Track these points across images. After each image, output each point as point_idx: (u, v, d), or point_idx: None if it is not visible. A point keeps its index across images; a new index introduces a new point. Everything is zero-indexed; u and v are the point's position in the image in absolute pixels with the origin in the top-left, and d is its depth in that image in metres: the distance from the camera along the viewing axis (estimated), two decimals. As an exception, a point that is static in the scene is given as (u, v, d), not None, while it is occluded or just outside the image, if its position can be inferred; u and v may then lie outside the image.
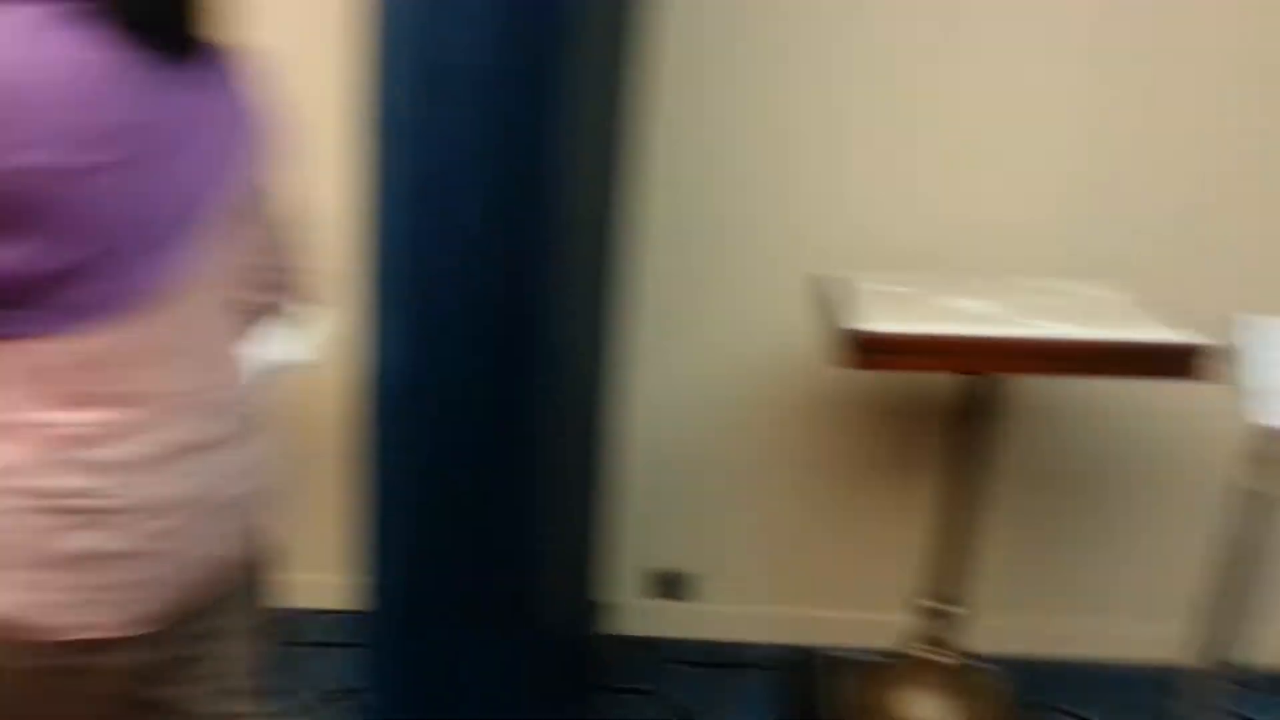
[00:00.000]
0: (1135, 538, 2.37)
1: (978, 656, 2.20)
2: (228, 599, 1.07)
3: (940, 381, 2.15)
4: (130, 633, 0.93)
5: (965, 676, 2.07)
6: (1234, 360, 1.80)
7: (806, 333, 2.19)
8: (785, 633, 2.44)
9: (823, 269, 2.06)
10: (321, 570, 2.17)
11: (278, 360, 1.36)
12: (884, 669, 2.12)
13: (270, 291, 1.15)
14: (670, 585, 2.44)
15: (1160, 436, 2.29)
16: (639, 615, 2.44)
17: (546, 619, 1.74)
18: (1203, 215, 2.14)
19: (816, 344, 2.15)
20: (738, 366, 2.28)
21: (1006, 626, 2.40)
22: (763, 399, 2.29)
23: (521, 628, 1.65)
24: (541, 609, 1.69)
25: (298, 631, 2.32)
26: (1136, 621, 2.41)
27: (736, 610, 2.45)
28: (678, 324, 2.25)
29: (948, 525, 1.99)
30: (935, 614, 2.03)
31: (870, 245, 2.16)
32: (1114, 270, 2.09)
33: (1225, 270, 2.16)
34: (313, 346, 1.64)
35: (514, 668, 1.66)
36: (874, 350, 1.64)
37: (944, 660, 2.04)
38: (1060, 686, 2.34)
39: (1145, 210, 2.14)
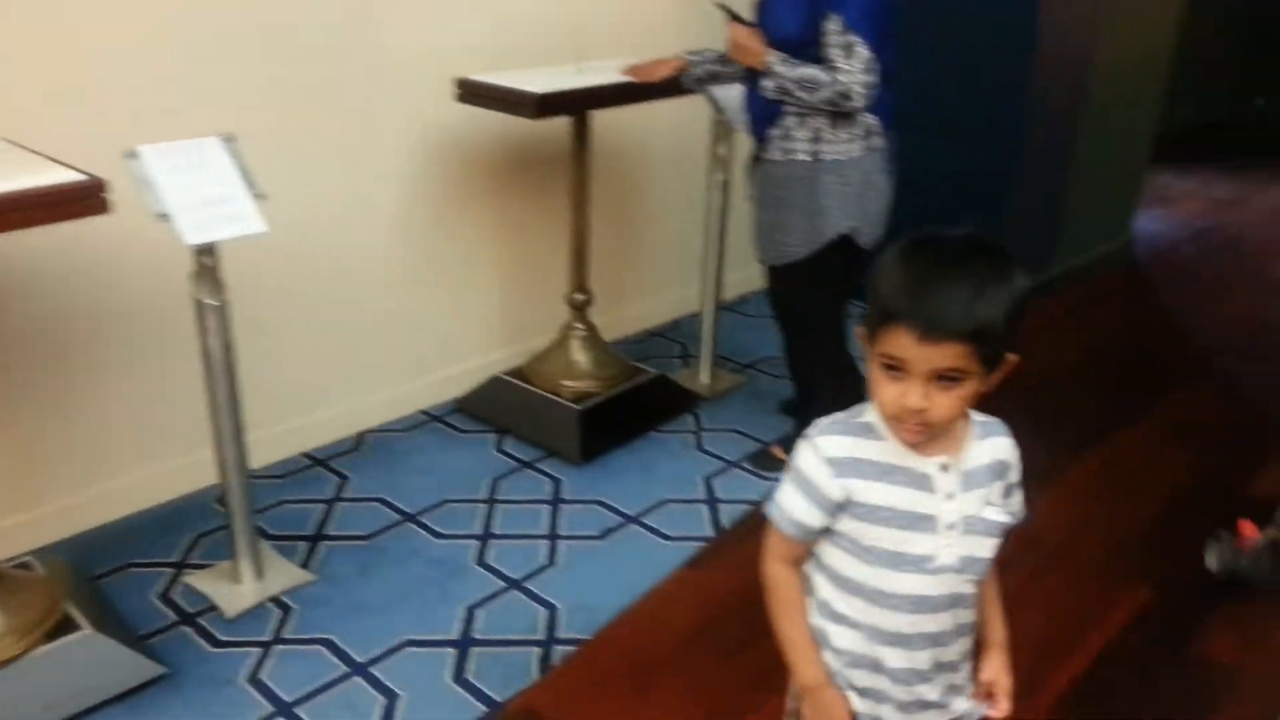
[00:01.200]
0: (134, 384, 2.40)
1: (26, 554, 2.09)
2: None
3: None
4: None
5: (7, 581, 1.94)
6: (143, 190, 1.86)
7: None
8: None
9: None
10: None
11: None
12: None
13: None
14: None
15: (119, 276, 2.29)
16: None
17: None
18: (86, 54, 2.13)
19: None
20: None
21: (36, 518, 2.31)
22: None
23: None
24: None
25: None
26: (174, 458, 2.51)
27: None
28: None
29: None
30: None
31: None
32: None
33: (114, 105, 2.17)
34: None
35: None
36: None
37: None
38: (129, 544, 2.35)
39: (13, 60, 2.05)
